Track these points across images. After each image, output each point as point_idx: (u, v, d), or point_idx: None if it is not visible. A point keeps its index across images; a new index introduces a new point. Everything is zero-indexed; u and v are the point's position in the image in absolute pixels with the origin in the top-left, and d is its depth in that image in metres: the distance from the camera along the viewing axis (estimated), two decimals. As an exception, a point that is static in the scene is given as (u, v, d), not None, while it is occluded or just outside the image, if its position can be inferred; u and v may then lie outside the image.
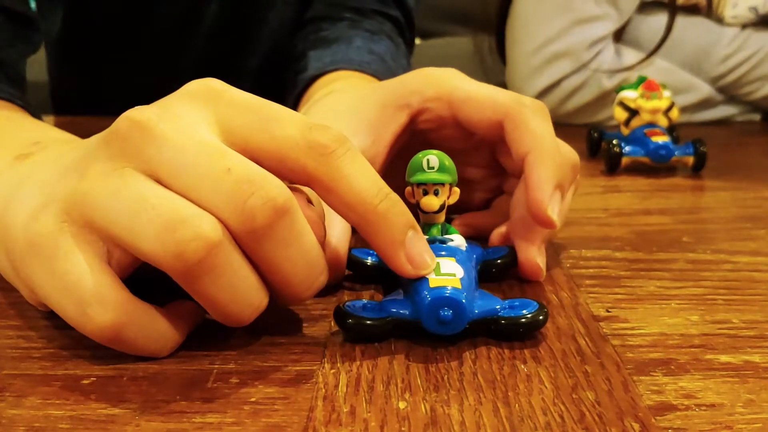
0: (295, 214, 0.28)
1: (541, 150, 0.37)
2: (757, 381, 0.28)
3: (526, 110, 0.38)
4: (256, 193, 0.27)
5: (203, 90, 0.30)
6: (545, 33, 0.87)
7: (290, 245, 0.28)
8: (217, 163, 0.27)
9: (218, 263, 0.27)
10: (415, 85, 0.41)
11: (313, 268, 0.29)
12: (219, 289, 0.27)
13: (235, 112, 0.29)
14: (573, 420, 0.26)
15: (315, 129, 0.29)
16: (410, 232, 0.30)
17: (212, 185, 0.27)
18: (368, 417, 0.26)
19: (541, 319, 0.31)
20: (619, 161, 0.62)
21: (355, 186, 0.29)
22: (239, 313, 0.29)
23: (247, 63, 0.82)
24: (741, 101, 0.90)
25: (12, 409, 0.26)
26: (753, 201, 0.54)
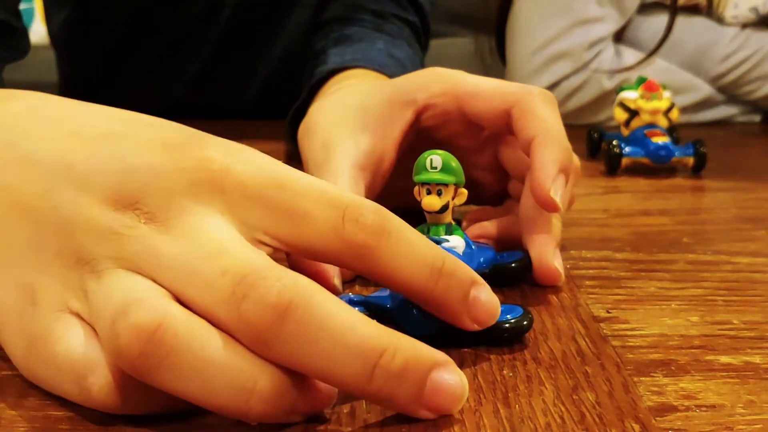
0: (307, 305, 0.23)
1: (547, 133, 0.37)
2: (758, 382, 0.28)
3: (534, 98, 0.38)
4: (248, 294, 0.23)
5: (204, 174, 0.25)
6: (545, 33, 0.87)
7: (313, 340, 0.23)
8: (211, 268, 0.24)
9: (166, 352, 0.23)
10: (421, 82, 0.41)
11: (361, 354, 0.23)
12: (182, 380, 0.23)
13: (250, 202, 0.25)
14: (573, 421, 0.26)
15: (349, 222, 0.25)
16: (472, 293, 0.28)
17: (207, 292, 0.24)
18: (368, 417, 0.26)
19: (525, 325, 0.31)
20: (619, 162, 0.62)
21: (406, 276, 0.26)
22: (227, 404, 0.23)
23: (259, 68, 0.81)
24: (741, 101, 0.90)
25: (12, 410, 0.26)
26: (753, 202, 0.54)
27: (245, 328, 0.23)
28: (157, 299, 0.23)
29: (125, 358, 0.23)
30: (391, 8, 0.74)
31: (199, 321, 0.23)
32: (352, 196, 0.26)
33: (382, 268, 0.26)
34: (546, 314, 0.34)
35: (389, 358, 0.23)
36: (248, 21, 0.79)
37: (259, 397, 0.23)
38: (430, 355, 0.25)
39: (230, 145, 0.27)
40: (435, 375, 0.24)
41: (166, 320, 0.23)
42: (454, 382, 0.25)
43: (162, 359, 0.23)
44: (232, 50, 0.80)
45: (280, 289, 0.23)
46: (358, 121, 0.41)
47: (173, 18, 0.78)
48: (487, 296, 0.28)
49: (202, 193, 0.25)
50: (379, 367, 0.23)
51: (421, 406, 0.25)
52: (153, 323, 0.23)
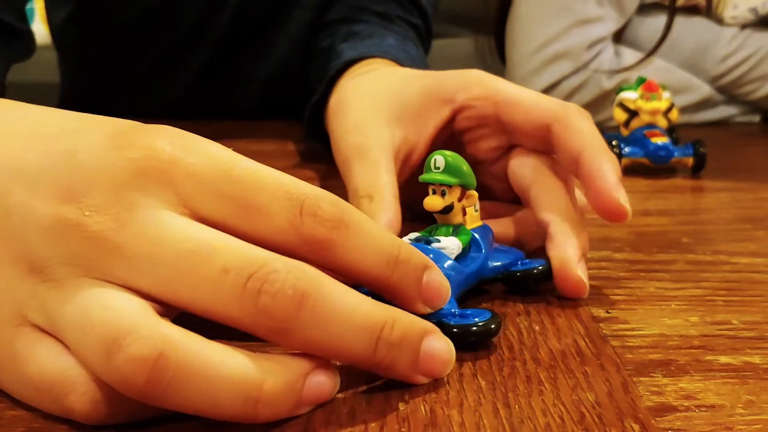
0: (319, 293, 0.24)
1: (597, 147, 0.37)
2: (757, 382, 0.28)
3: (573, 113, 0.39)
4: (264, 289, 0.23)
5: (151, 164, 0.24)
6: (545, 34, 0.87)
7: (327, 324, 0.24)
8: (208, 267, 0.23)
9: (173, 376, 0.22)
10: (462, 82, 0.42)
11: (367, 329, 0.25)
12: (190, 400, 0.23)
13: (202, 195, 0.25)
14: (573, 421, 0.26)
15: (307, 216, 0.25)
16: (424, 277, 0.28)
17: (211, 292, 0.23)
18: (368, 418, 0.26)
19: (492, 329, 0.30)
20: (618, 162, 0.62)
21: (364, 267, 0.26)
22: (236, 414, 0.23)
23: (259, 69, 0.81)
24: (740, 101, 0.90)
25: (12, 410, 0.26)
26: (753, 202, 0.54)
27: (265, 320, 0.23)
28: (147, 324, 0.23)
29: (131, 388, 0.22)
30: (395, 10, 0.75)
31: (195, 338, 0.23)
32: (309, 187, 0.26)
33: (340, 261, 0.26)
34: (545, 314, 0.34)
35: (389, 330, 0.25)
36: (249, 22, 0.79)
37: (265, 401, 0.24)
38: (421, 324, 0.27)
39: (182, 136, 0.26)
40: (427, 342, 0.27)
41: (165, 348, 0.22)
42: (443, 348, 0.27)
43: (167, 385, 0.22)
44: (233, 51, 0.80)
45: (293, 281, 0.23)
46: (394, 110, 0.42)
47: (174, 18, 0.78)
48: (438, 278, 0.29)
49: (151, 185, 0.24)
50: (382, 339, 0.25)
51: (417, 372, 0.27)
52: (153, 353, 0.22)
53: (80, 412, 0.24)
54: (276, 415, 0.24)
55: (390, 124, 0.41)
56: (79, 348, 0.23)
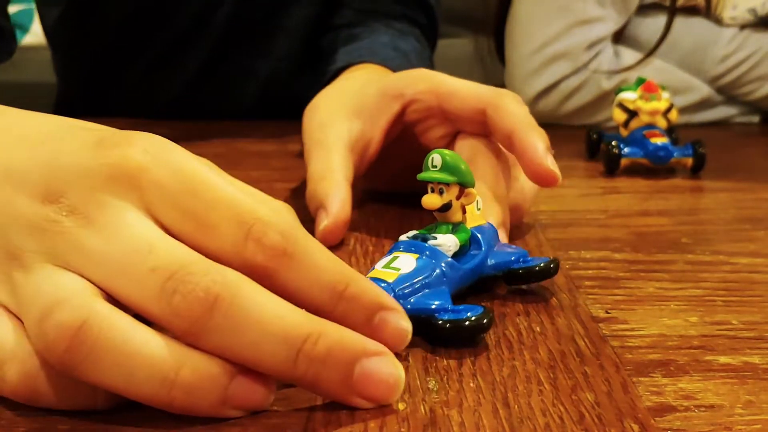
0: (234, 298, 0.24)
1: (526, 124, 0.41)
2: (757, 382, 0.28)
3: (505, 97, 0.43)
4: (178, 288, 0.24)
5: (124, 168, 0.26)
6: (544, 34, 0.87)
7: (241, 331, 0.24)
8: (141, 265, 0.25)
9: (93, 345, 0.23)
10: (410, 79, 0.47)
11: (286, 341, 0.24)
12: (106, 374, 0.24)
13: (164, 204, 0.26)
14: (572, 421, 0.26)
15: (251, 241, 0.26)
16: (378, 316, 0.27)
17: (139, 289, 0.25)
18: (367, 418, 0.26)
19: (484, 323, 0.30)
20: (618, 163, 0.62)
21: (305, 299, 0.26)
22: (150, 394, 0.24)
23: (259, 67, 0.81)
24: (740, 102, 0.90)
25: (11, 410, 0.26)
26: (752, 202, 0.54)
27: (176, 320, 0.24)
28: (82, 297, 0.24)
29: (52, 353, 0.24)
30: (400, 10, 0.76)
31: (123, 317, 0.24)
32: (265, 213, 0.26)
33: (280, 289, 0.26)
34: (545, 314, 0.34)
35: (312, 344, 0.25)
36: (248, 19, 0.79)
37: (181, 387, 0.24)
38: (359, 342, 0.25)
39: (157, 145, 0.27)
40: (365, 363, 0.25)
41: (89, 318, 0.24)
42: (387, 372, 0.26)
43: (86, 355, 0.23)
44: (232, 49, 0.80)
45: (207, 284, 0.24)
46: (353, 107, 0.47)
47: (171, 16, 0.78)
48: (396, 321, 0.27)
49: (121, 188, 0.26)
50: (303, 352, 0.25)
51: (352, 393, 0.26)
52: (77, 321, 0.23)
53: (9, 382, 0.25)
54: (193, 406, 0.25)
55: (349, 119, 0.46)
56: (25, 319, 0.25)
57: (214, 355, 0.25)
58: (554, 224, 0.48)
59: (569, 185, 0.59)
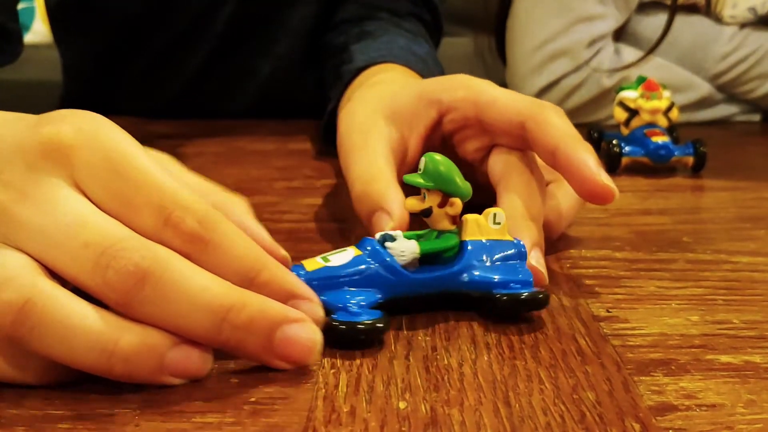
0: (163, 272, 0.26)
1: (571, 138, 0.39)
2: (758, 381, 0.28)
3: (546, 110, 0.40)
4: (110, 263, 0.26)
5: (56, 144, 0.27)
6: (545, 31, 0.87)
7: (169, 302, 0.26)
8: (75, 240, 0.26)
9: (37, 321, 0.25)
10: (448, 85, 0.44)
11: (211, 311, 0.26)
12: (50, 346, 0.26)
13: (93, 181, 0.27)
14: (573, 420, 0.26)
15: (169, 226, 0.27)
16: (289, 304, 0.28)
17: (74, 263, 0.26)
18: (368, 417, 0.26)
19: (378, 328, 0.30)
20: (618, 161, 0.62)
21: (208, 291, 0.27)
22: (91, 364, 0.26)
23: (260, 65, 0.81)
24: (741, 100, 0.90)
25: (12, 409, 0.26)
26: (753, 201, 0.54)
27: (110, 293, 0.26)
28: (26, 275, 0.26)
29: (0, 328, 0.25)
30: (406, 7, 0.75)
31: (64, 293, 0.26)
32: (187, 200, 0.28)
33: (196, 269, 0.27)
34: (546, 313, 0.34)
35: (236, 313, 0.27)
36: (249, 18, 0.79)
37: (119, 356, 0.26)
38: (280, 311, 0.28)
39: (93, 124, 0.28)
40: (286, 328, 0.28)
41: (33, 296, 0.25)
42: (306, 336, 0.28)
43: (30, 329, 0.25)
44: (234, 46, 0.80)
45: (138, 259, 0.26)
46: (391, 111, 0.44)
47: (173, 15, 0.78)
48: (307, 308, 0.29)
49: (54, 165, 0.27)
50: (227, 321, 0.27)
51: (272, 356, 0.28)
52: (21, 299, 0.25)
53: None
54: (132, 374, 0.26)
55: (387, 123, 0.44)
56: None
57: (146, 324, 0.26)
58: (555, 223, 0.48)
59: (570, 184, 0.59)
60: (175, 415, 0.26)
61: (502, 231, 0.34)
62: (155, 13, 0.78)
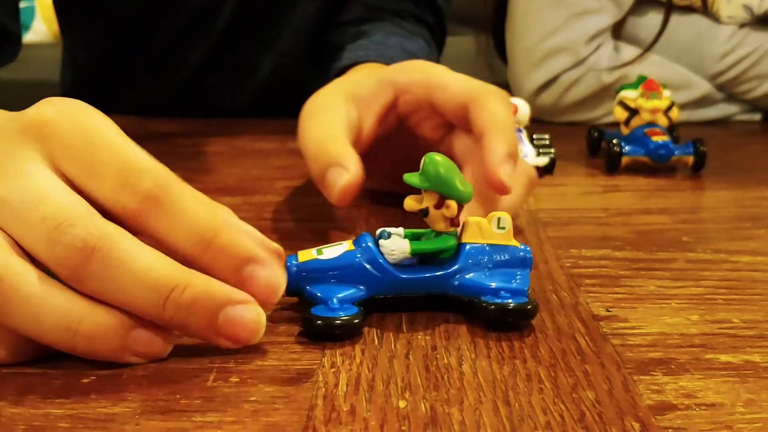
0: (110, 250, 0.27)
1: (498, 126, 0.40)
2: (757, 381, 0.28)
3: (489, 95, 0.42)
4: (60, 239, 0.27)
5: (35, 120, 0.29)
6: (543, 28, 0.87)
7: (114, 278, 0.27)
8: (34, 213, 0.27)
9: (3, 298, 0.26)
10: (405, 69, 0.47)
11: (155, 290, 0.27)
12: (19, 321, 0.27)
13: (61, 152, 0.28)
14: (573, 419, 0.26)
15: (127, 186, 0.28)
16: (246, 269, 0.29)
17: (32, 238, 0.27)
18: (368, 416, 0.26)
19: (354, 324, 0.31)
20: (619, 161, 0.62)
21: (173, 244, 0.29)
22: (56, 340, 0.27)
23: (262, 62, 0.81)
24: (740, 100, 0.90)
25: (12, 408, 0.26)
26: (753, 201, 0.54)
27: (59, 268, 0.27)
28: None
29: None
30: (409, 8, 0.76)
31: (34, 271, 0.27)
32: (146, 164, 0.29)
33: (151, 232, 0.29)
34: (546, 313, 0.34)
35: (179, 293, 0.27)
36: (253, 14, 0.79)
37: (82, 335, 0.27)
38: (224, 292, 0.28)
39: (73, 105, 0.29)
40: (230, 309, 0.28)
41: (3, 273, 0.26)
42: (250, 317, 0.29)
43: (0, 304, 0.26)
44: (236, 42, 0.80)
45: (85, 236, 0.27)
46: (350, 94, 0.46)
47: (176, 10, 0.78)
48: (266, 274, 0.29)
49: (29, 140, 0.28)
50: (170, 300, 0.27)
51: (217, 336, 0.29)
52: None
53: None
54: (95, 352, 0.28)
55: (348, 102, 0.45)
56: None
57: (93, 299, 0.27)
58: (555, 222, 0.48)
59: (570, 183, 0.59)
60: (175, 414, 0.26)
61: (506, 236, 0.33)
62: (159, 8, 0.78)
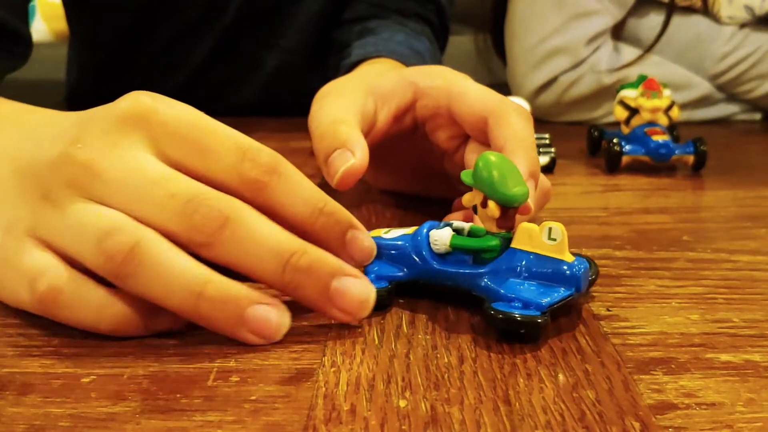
0: (239, 219, 0.30)
1: (516, 142, 0.39)
2: (758, 380, 0.28)
3: (510, 110, 0.41)
4: (197, 209, 0.30)
5: (134, 110, 0.31)
6: (543, 29, 0.87)
7: (243, 244, 0.30)
8: (161, 191, 0.30)
9: (141, 261, 0.29)
10: (427, 72, 0.46)
11: (277, 254, 0.30)
12: (148, 285, 0.29)
13: (168, 138, 0.31)
14: (573, 419, 0.26)
15: (248, 160, 0.31)
16: (350, 233, 0.33)
17: (161, 212, 0.30)
18: (368, 415, 0.26)
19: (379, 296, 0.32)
20: (619, 160, 0.62)
21: (290, 212, 0.32)
22: (180, 304, 0.29)
23: (266, 58, 0.81)
24: (740, 100, 0.90)
25: (12, 407, 0.26)
26: (753, 200, 0.54)
27: (196, 235, 0.30)
28: (131, 224, 0.29)
29: (110, 265, 0.29)
30: (413, 7, 0.76)
31: (166, 241, 0.30)
32: (255, 142, 0.32)
33: (270, 202, 0.31)
34: (546, 312, 0.34)
35: (297, 258, 0.30)
36: (258, 10, 0.79)
37: (206, 298, 0.29)
38: (336, 262, 0.31)
39: (162, 96, 0.32)
40: (342, 279, 0.31)
41: (140, 241, 0.29)
42: (358, 291, 0.31)
43: (135, 267, 0.29)
44: (241, 38, 0.80)
45: (220, 207, 0.30)
46: (367, 87, 0.46)
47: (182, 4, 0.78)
48: (361, 237, 0.33)
49: (131, 128, 0.31)
50: (289, 264, 0.30)
51: (330, 304, 0.31)
52: (131, 242, 0.29)
53: (37, 292, 0.30)
54: (215, 319, 0.30)
55: (365, 95, 0.45)
56: (75, 243, 0.30)
57: (221, 263, 0.30)
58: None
59: (570, 183, 0.59)
60: (176, 413, 0.26)
61: (557, 247, 0.32)
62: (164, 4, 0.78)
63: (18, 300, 0.31)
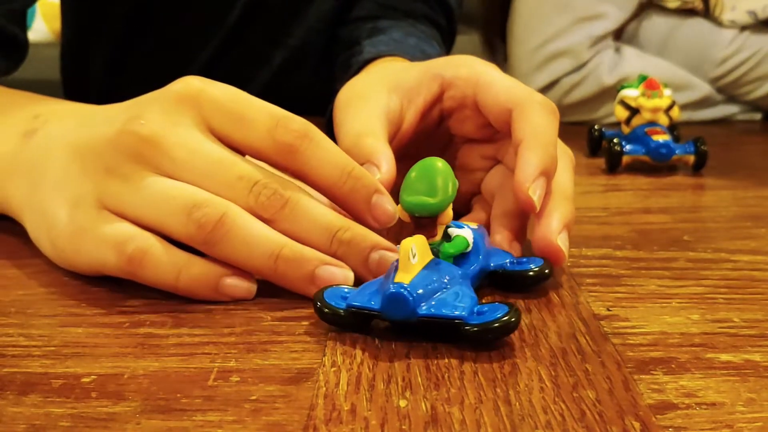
0: (297, 198, 0.35)
1: (535, 138, 0.38)
2: (758, 380, 0.28)
3: (535, 104, 0.40)
4: (262, 192, 0.34)
5: (187, 91, 0.36)
6: (546, 31, 0.87)
7: (300, 219, 0.35)
8: (230, 172, 0.35)
9: (229, 229, 0.34)
10: (453, 63, 0.45)
11: (326, 229, 0.35)
12: (234, 250, 0.34)
13: (215, 113, 0.36)
14: (573, 419, 0.26)
15: (281, 127, 0.35)
16: (374, 197, 0.36)
17: (230, 191, 0.34)
18: (369, 415, 0.26)
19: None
20: (619, 160, 0.62)
21: (320, 175, 0.36)
22: (261, 265, 0.34)
23: (273, 55, 0.81)
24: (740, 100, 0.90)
25: (13, 407, 0.26)
26: (754, 200, 0.54)
27: (262, 212, 0.35)
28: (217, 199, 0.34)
29: (201, 233, 0.34)
30: (422, 9, 0.76)
31: (246, 213, 0.34)
32: (286, 111, 0.36)
33: (302, 166, 0.36)
34: (546, 312, 0.34)
35: (343, 232, 0.35)
36: (264, 6, 0.79)
37: (284, 259, 0.34)
38: (374, 236, 0.35)
39: (205, 78, 0.36)
40: (380, 252, 0.35)
41: (228, 211, 0.34)
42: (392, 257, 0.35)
43: (223, 234, 0.34)
44: (247, 34, 0.80)
45: (281, 189, 0.35)
46: (394, 83, 0.45)
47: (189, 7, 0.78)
48: (388, 201, 0.37)
49: (186, 107, 0.35)
50: (336, 237, 0.35)
51: (368, 272, 0.35)
52: (219, 212, 0.34)
53: (125, 254, 0.34)
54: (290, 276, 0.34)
55: (389, 93, 0.44)
56: (159, 214, 0.34)
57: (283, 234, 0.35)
58: (555, 222, 0.48)
59: (571, 183, 0.59)
60: (176, 413, 0.26)
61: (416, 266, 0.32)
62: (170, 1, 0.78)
63: (103, 263, 0.35)
